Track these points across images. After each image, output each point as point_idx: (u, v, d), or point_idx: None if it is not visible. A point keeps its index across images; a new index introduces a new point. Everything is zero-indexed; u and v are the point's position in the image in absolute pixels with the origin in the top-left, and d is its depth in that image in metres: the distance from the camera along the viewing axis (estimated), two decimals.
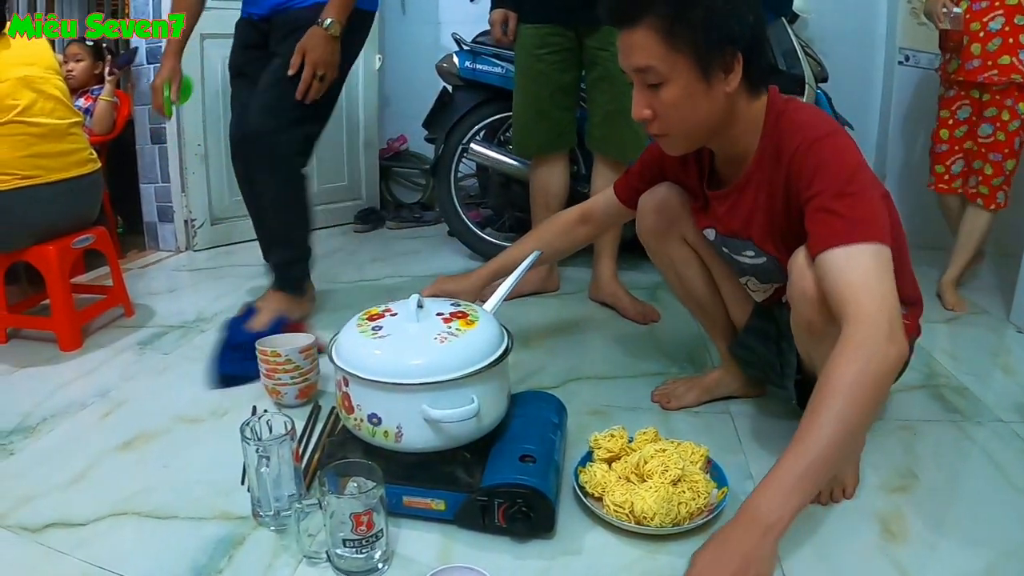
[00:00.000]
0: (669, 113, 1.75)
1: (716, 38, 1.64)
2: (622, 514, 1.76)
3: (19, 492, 2.02)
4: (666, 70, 1.68)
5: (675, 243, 2.23)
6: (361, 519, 1.58)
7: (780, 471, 1.42)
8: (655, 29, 1.65)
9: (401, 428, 1.76)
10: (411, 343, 1.82)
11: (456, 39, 4.04)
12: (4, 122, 2.85)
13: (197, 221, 4.59)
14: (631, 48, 1.71)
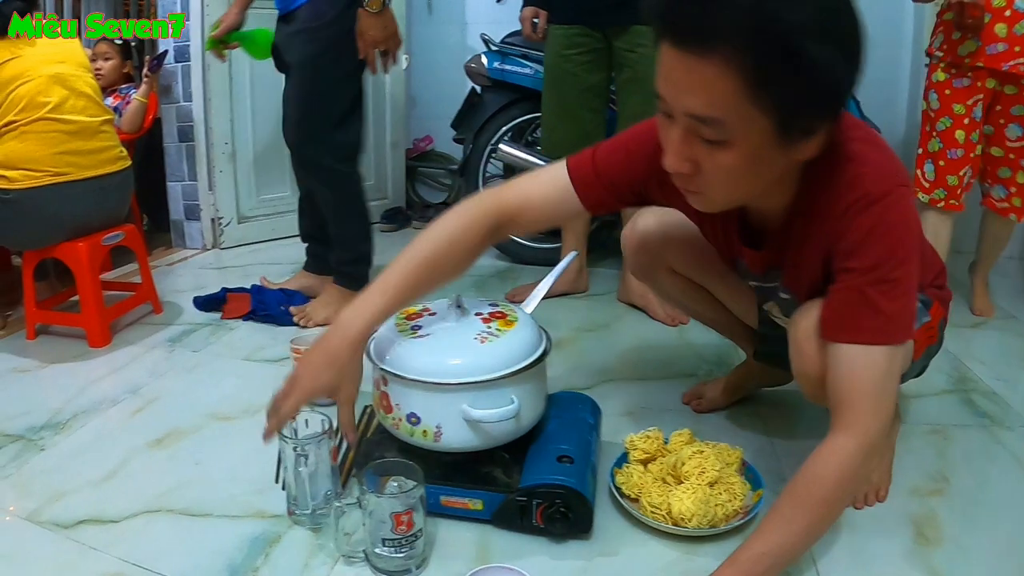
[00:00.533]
0: (720, 180, 1.35)
1: (816, 98, 1.24)
2: (659, 515, 1.75)
3: (51, 488, 2.02)
4: (736, 129, 1.25)
5: (664, 276, 2.16)
6: (401, 519, 1.58)
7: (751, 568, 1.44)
8: (735, 69, 1.18)
9: (440, 428, 1.75)
10: (452, 343, 1.80)
11: (485, 40, 4.05)
12: (35, 119, 2.87)
13: (224, 219, 4.59)
14: (693, 84, 1.24)
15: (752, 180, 1.37)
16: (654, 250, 2.10)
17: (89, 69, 3.18)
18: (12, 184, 2.85)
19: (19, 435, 2.32)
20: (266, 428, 1.67)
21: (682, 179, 1.39)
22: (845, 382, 1.45)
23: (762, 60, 1.16)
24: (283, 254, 4.43)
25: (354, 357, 1.65)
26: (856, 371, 1.44)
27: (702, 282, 2.14)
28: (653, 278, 2.19)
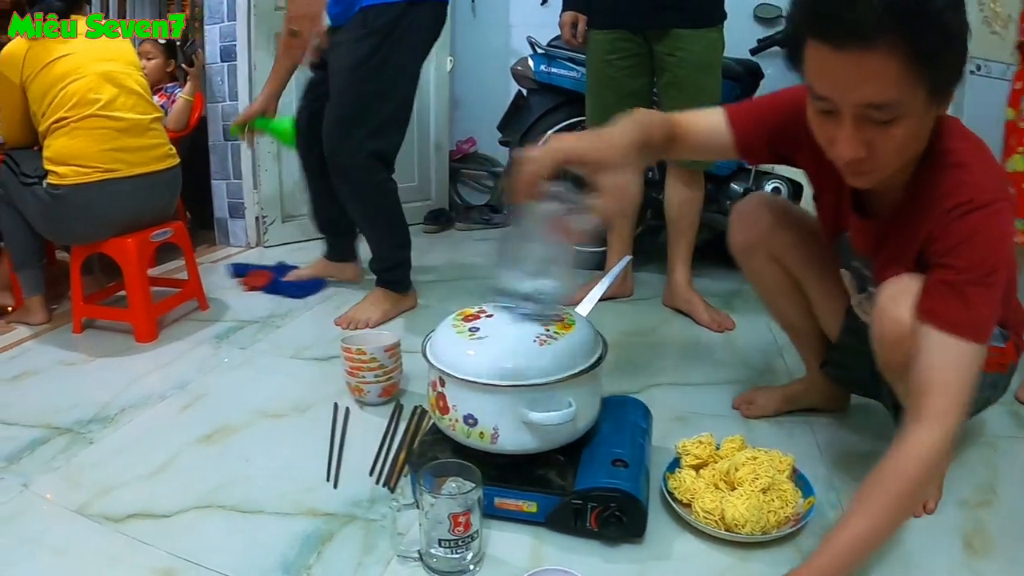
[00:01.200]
0: (893, 151, 1.45)
1: (955, 64, 1.39)
2: (712, 521, 1.74)
3: (100, 481, 2.03)
4: (904, 105, 1.37)
5: (764, 261, 2.15)
6: (459, 519, 1.57)
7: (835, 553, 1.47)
8: (897, 56, 1.31)
9: (497, 430, 1.75)
10: (510, 345, 1.79)
11: (531, 42, 4.03)
12: (85, 116, 2.91)
13: (268, 218, 4.61)
14: (864, 78, 1.35)
15: (913, 149, 1.51)
16: (765, 228, 2.10)
17: (139, 67, 3.20)
18: (62, 180, 2.88)
19: (67, 428, 2.33)
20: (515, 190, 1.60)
21: (855, 163, 1.48)
22: (936, 371, 1.46)
23: (918, 40, 1.30)
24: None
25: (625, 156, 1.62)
26: (948, 361, 1.46)
27: (800, 275, 2.13)
28: (752, 257, 2.17)
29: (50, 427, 2.34)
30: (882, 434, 2.11)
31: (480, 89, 5.49)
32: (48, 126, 2.93)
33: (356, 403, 2.44)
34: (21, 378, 2.74)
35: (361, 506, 1.89)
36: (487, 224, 5.17)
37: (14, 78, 2.93)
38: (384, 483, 1.97)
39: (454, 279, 3.98)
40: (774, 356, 2.84)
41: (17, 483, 2.03)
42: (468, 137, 5.59)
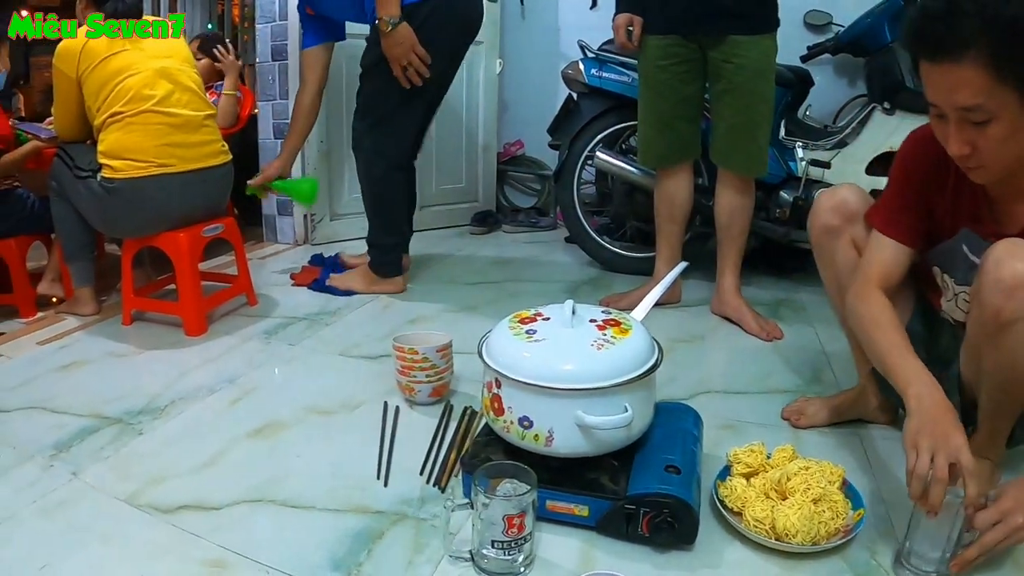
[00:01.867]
0: (995, 150, 1.62)
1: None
2: (762, 530, 1.73)
3: (150, 472, 2.05)
4: (995, 107, 1.54)
5: (844, 245, 2.15)
6: (514, 521, 1.57)
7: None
8: (982, 64, 1.50)
9: (553, 432, 1.75)
10: (568, 348, 1.80)
11: (582, 46, 4.02)
12: (141, 111, 2.94)
13: (317, 216, 4.62)
14: (955, 85, 1.56)
15: (1019, 144, 1.61)
16: (846, 214, 2.13)
17: (193, 65, 3.23)
18: (117, 173, 2.91)
19: (117, 418, 2.35)
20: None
21: (964, 159, 1.66)
22: None
23: (1001, 52, 1.48)
24: None
25: None
26: None
27: None
28: (833, 239, 2.17)
29: (100, 417, 2.36)
30: None
31: (528, 92, 5.48)
32: (103, 120, 2.95)
33: (406, 402, 2.45)
34: (71, 368, 2.76)
35: (411, 505, 1.88)
36: (534, 227, 5.17)
37: (70, 73, 2.96)
38: (435, 483, 1.97)
39: (500, 281, 3.98)
40: (822, 366, 2.82)
41: (67, 471, 2.05)
42: (516, 139, 5.58)
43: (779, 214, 3.70)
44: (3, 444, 2.21)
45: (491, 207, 5.40)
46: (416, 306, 3.51)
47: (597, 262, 4.19)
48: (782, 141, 3.73)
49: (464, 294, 3.70)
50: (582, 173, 4.11)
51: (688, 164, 3.38)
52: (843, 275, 2.17)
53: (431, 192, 5.10)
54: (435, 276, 4.04)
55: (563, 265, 4.32)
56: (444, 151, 5.08)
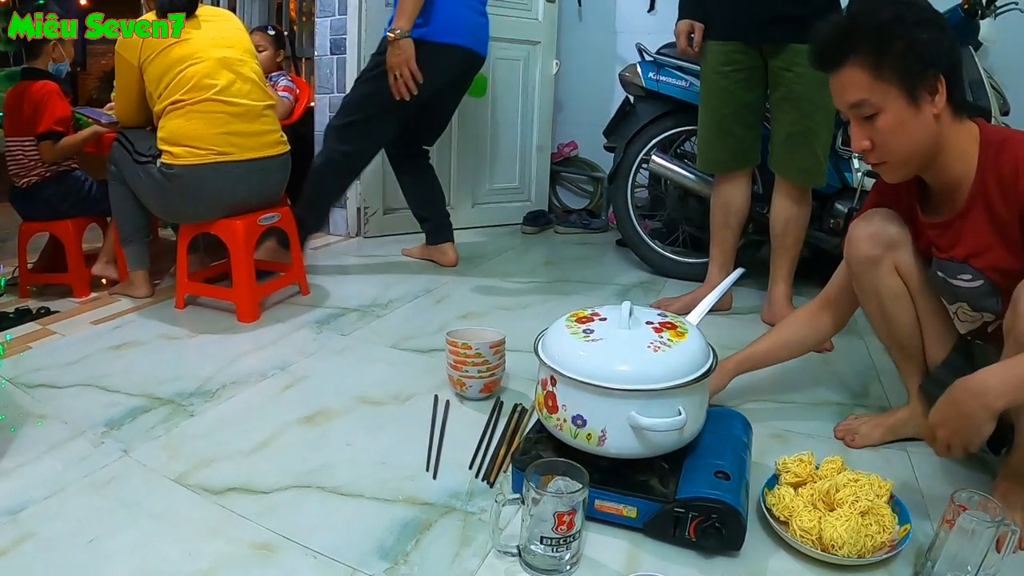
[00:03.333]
0: (887, 141, 1.83)
1: (919, 64, 1.75)
2: (808, 540, 1.72)
3: (200, 453, 2.07)
4: (878, 100, 1.79)
5: (886, 273, 2.13)
6: (564, 518, 1.58)
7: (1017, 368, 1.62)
8: (860, 66, 1.78)
9: (606, 432, 1.76)
10: (625, 349, 1.81)
11: (640, 49, 4.02)
12: (202, 100, 2.98)
13: (370, 209, 4.65)
14: (842, 87, 1.83)
15: (910, 135, 1.82)
16: (887, 242, 2.11)
17: (254, 55, 3.26)
18: (176, 160, 2.95)
19: (169, 399, 2.38)
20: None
21: (868, 156, 1.89)
22: None
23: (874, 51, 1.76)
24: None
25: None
26: None
27: (918, 291, 2.15)
28: (875, 270, 2.15)
29: (152, 397, 2.39)
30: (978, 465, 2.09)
31: (584, 93, 5.48)
32: (164, 107, 2.99)
33: (456, 397, 2.45)
34: (123, 348, 2.80)
35: (460, 498, 1.89)
36: (585, 228, 5.17)
37: (132, 60, 3.01)
38: (484, 477, 1.98)
39: (551, 281, 3.98)
40: (871, 380, 2.80)
41: (118, 448, 2.08)
42: (570, 140, 5.59)
43: (832, 225, 3.68)
44: (56, 419, 2.25)
45: (543, 207, 5.41)
46: (467, 302, 3.52)
47: (648, 266, 4.18)
48: (838, 151, 3.70)
49: (515, 292, 3.72)
50: (636, 176, 4.10)
51: (746, 171, 3.37)
52: (887, 303, 2.18)
53: (484, 190, 5.16)
54: (487, 272, 4.06)
55: (614, 267, 4.32)
56: (498, 150, 5.12)
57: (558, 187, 5.71)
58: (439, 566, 1.66)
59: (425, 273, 3.96)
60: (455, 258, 4.15)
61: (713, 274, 3.40)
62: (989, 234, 1.86)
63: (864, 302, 2.23)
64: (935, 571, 1.61)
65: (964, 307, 2.09)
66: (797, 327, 2.43)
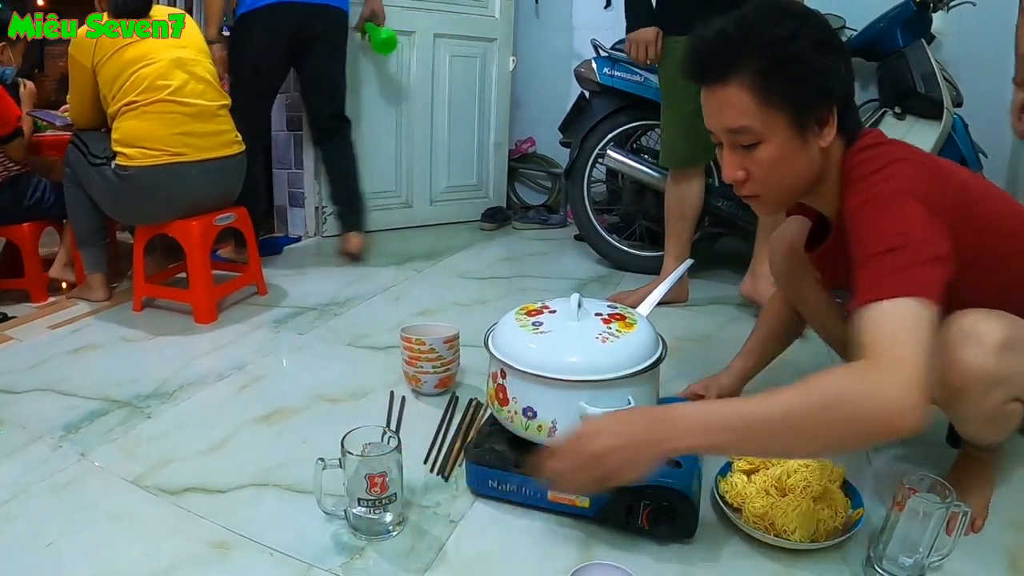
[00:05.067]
0: (765, 174, 1.62)
1: (812, 93, 1.55)
2: (761, 526, 1.74)
3: (157, 455, 2.08)
4: (761, 128, 1.56)
5: (808, 286, 2.14)
6: (376, 480, 1.68)
7: (709, 407, 1.45)
8: (747, 87, 1.54)
9: (556, 423, 1.76)
10: (573, 340, 1.82)
11: (595, 45, 4.04)
12: (155, 100, 2.97)
13: (328, 208, 4.64)
14: (719, 107, 1.59)
15: (790, 169, 1.62)
16: (804, 257, 2.04)
17: (208, 55, 3.26)
18: (131, 161, 2.94)
19: (126, 402, 2.39)
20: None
21: (739, 186, 1.67)
22: (864, 337, 1.36)
23: (764, 73, 1.52)
24: (385, 245, 4.53)
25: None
26: (870, 325, 1.37)
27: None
28: (797, 284, 2.16)
29: (109, 400, 2.39)
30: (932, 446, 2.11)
31: (541, 89, 5.51)
32: (118, 109, 2.98)
33: (412, 392, 2.47)
34: (81, 352, 2.80)
35: (415, 493, 1.90)
36: (544, 224, 5.19)
37: (86, 62, 3.00)
38: (439, 472, 1.99)
39: (509, 277, 4.00)
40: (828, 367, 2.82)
41: (75, 452, 2.09)
42: (528, 137, 5.61)
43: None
44: (14, 424, 2.25)
45: (502, 203, 5.43)
46: (425, 299, 3.54)
47: (606, 260, 4.20)
48: None
49: (473, 288, 3.73)
50: (592, 171, 4.13)
51: (702, 166, 3.39)
52: (818, 313, 2.20)
53: (442, 187, 5.16)
54: (445, 270, 4.08)
55: (572, 262, 4.34)
56: (456, 147, 5.13)
57: (517, 183, 5.74)
58: (394, 560, 1.67)
59: (383, 271, 3.98)
60: (356, 248, 4.17)
61: (668, 266, 3.41)
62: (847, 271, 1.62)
63: (800, 308, 2.23)
64: (887, 553, 1.62)
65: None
66: (780, 316, 2.31)
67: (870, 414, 1.28)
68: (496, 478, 1.85)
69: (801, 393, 1.34)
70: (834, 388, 1.32)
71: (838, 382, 1.33)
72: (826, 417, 1.31)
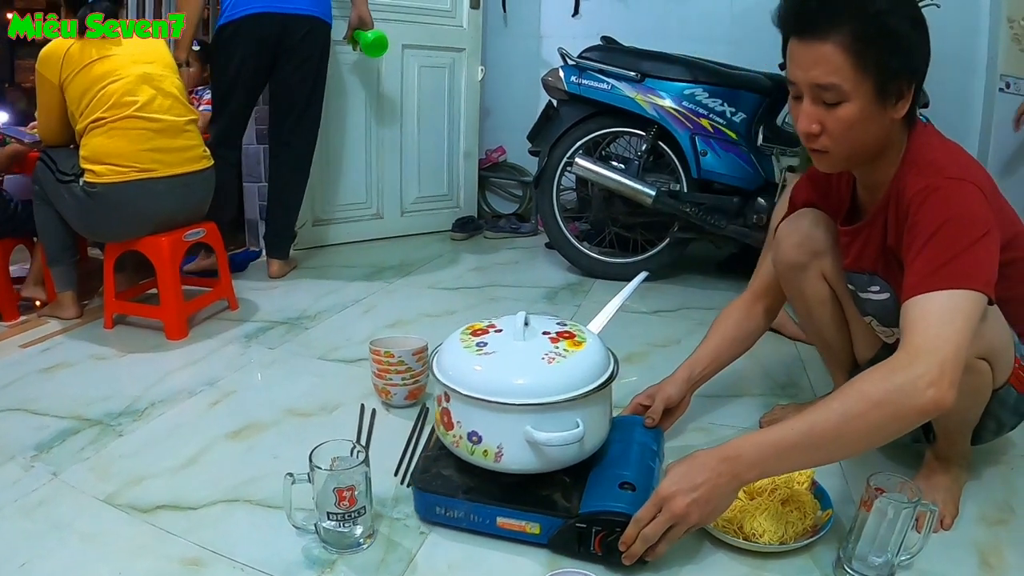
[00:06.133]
0: (842, 132, 1.68)
1: (901, 64, 1.61)
2: (730, 530, 1.75)
3: (129, 472, 2.08)
4: (850, 90, 1.62)
5: (812, 279, 2.15)
6: (344, 494, 1.69)
7: (768, 434, 1.56)
8: (844, 47, 1.59)
9: (502, 448, 1.73)
10: (518, 362, 1.77)
11: (562, 54, 4.05)
12: (123, 116, 2.97)
13: (299, 221, 4.61)
14: (815, 62, 1.63)
15: (864, 132, 1.68)
16: (814, 249, 2.11)
17: (175, 70, 3.26)
18: (99, 178, 2.94)
19: (98, 420, 2.38)
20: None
21: (811, 139, 1.72)
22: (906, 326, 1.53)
23: (863, 37, 1.57)
24: (356, 257, 4.54)
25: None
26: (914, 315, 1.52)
27: (842, 296, 2.15)
28: (801, 275, 2.16)
29: (81, 419, 2.39)
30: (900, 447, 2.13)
31: (511, 99, 5.54)
32: (85, 125, 2.98)
33: (382, 405, 2.48)
34: (53, 370, 2.79)
35: (386, 505, 1.90)
36: (515, 233, 5.21)
37: (52, 78, 2.99)
38: (409, 484, 1.98)
39: (480, 286, 4.02)
40: (798, 372, 2.85)
41: (47, 471, 2.08)
42: (498, 146, 5.63)
43: (756, 220, 3.74)
44: None
45: (472, 213, 5.43)
46: (395, 311, 3.54)
47: (577, 268, 4.22)
48: (760, 148, 3.77)
49: (443, 299, 3.75)
50: (561, 179, 4.15)
51: None
52: (813, 307, 2.20)
53: (413, 198, 5.17)
54: (415, 281, 4.08)
55: (543, 271, 4.36)
56: (426, 157, 5.14)
57: (488, 192, 5.76)
58: (365, 572, 1.68)
59: (354, 284, 3.98)
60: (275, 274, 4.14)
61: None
62: (889, 245, 1.81)
63: (791, 302, 2.25)
64: (856, 553, 1.64)
65: (875, 321, 2.04)
66: (738, 321, 2.30)
67: (910, 407, 1.44)
68: (443, 505, 1.81)
69: (851, 397, 1.49)
70: (879, 388, 1.46)
71: (881, 381, 1.47)
72: (878, 415, 1.46)
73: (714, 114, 3.80)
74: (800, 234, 2.12)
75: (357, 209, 4.90)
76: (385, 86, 4.83)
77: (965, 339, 1.48)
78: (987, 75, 4.55)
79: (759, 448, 1.53)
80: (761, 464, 1.54)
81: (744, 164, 3.77)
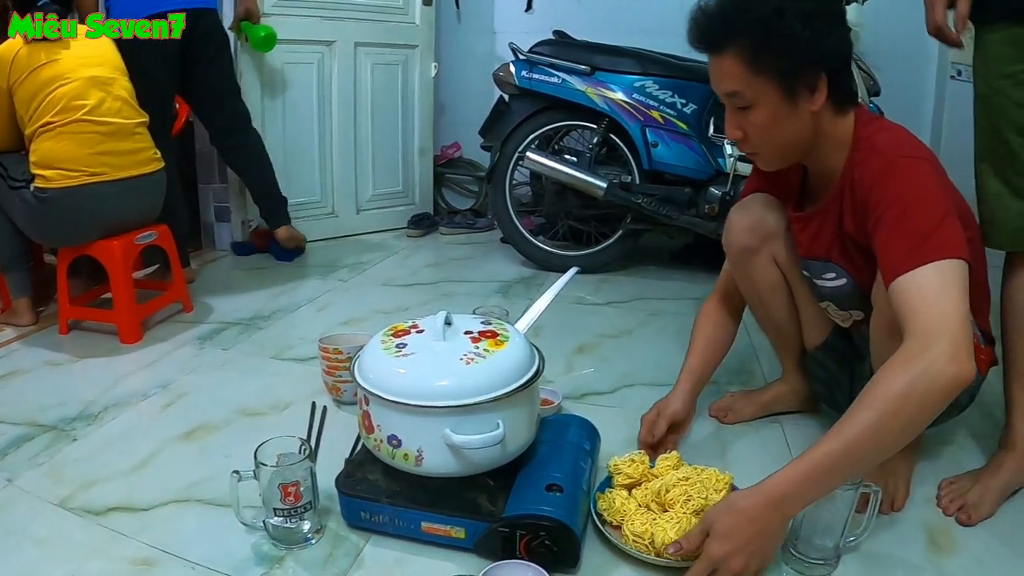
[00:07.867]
0: (759, 135, 1.80)
1: (799, 62, 1.69)
2: (641, 544, 1.69)
3: (82, 476, 2.09)
4: (752, 95, 1.73)
5: (763, 264, 2.19)
6: (288, 490, 1.72)
7: (806, 462, 1.50)
8: (739, 56, 1.71)
9: (422, 451, 1.70)
10: (436, 363, 1.74)
11: (513, 48, 4.08)
12: (72, 120, 2.96)
13: (254, 222, 4.65)
14: (720, 74, 1.77)
15: (784, 131, 1.79)
16: (764, 233, 2.15)
17: (124, 72, 3.24)
18: (49, 183, 2.93)
19: (52, 425, 2.38)
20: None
21: (740, 144, 1.85)
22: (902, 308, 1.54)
23: (755, 44, 1.68)
24: (311, 256, 4.54)
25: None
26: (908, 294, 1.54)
27: (795, 279, 2.19)
28: (752, 260, 2.19)
29: (35, 425, 2.39)
30: None
31: (465, 94, 5.55)
32: (35, 130, 2.97)
33: (333, 402, 2.49)
34: (7, 378, 2.78)
35: (335, 500, 1.89)
36: (471, 228, 5.22)
37: (1, 83, 2.98)
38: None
39: (434, 282, 4.05)
40: (750, 359, 2.89)
41: (2, 478, 2.08)
42: (453, 142, 5.64)
43: (708, 210, 3.77)
44: None
45: (428, 209, 5.44)
46: (349, 309, 3.57)
47: (531, 262, 4.25)
48: (711, 138, 3.81)
49: (398, 296, 3.78)
50: (514, 174, 4.18)
51: None
52: (764, 292, 2.24)
53: (368, 195, 5.18)
54: (370, 278, 4.11)
55: (497, 265, 4.38)
56: (380, 154, 5.15)
57: (444, 189, 5.77)
58: (313, 567, 1.71)
59: (308, 282, 4.00)
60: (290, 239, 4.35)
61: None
62: (845, 230, 1.85)
63: (741, 287, 2.28)
64: (801, 535, 1.66)
65: (831, 306, 2.06)
66: (716, 324, 2.34)
67: (936, 390, 1.43)
68: (367, 510, 1.80)
69: (878, 400, 1.46)
70: (901, 382, 1.44)
71: (902, 375, 1.45)
72: (909, 409, 1.44)
73: (664, 105, 3.84)
74: (752, 218, 2.16)
75: (312, 208, 4.89)
76: (338, 84, 4.83)
77: (964, 308, 1.50)
78: (939, 63, 4.62)
79: (801, 483, 1.50)
80: (805, 496, 1.53)
81: (695, 155, 3.80)
